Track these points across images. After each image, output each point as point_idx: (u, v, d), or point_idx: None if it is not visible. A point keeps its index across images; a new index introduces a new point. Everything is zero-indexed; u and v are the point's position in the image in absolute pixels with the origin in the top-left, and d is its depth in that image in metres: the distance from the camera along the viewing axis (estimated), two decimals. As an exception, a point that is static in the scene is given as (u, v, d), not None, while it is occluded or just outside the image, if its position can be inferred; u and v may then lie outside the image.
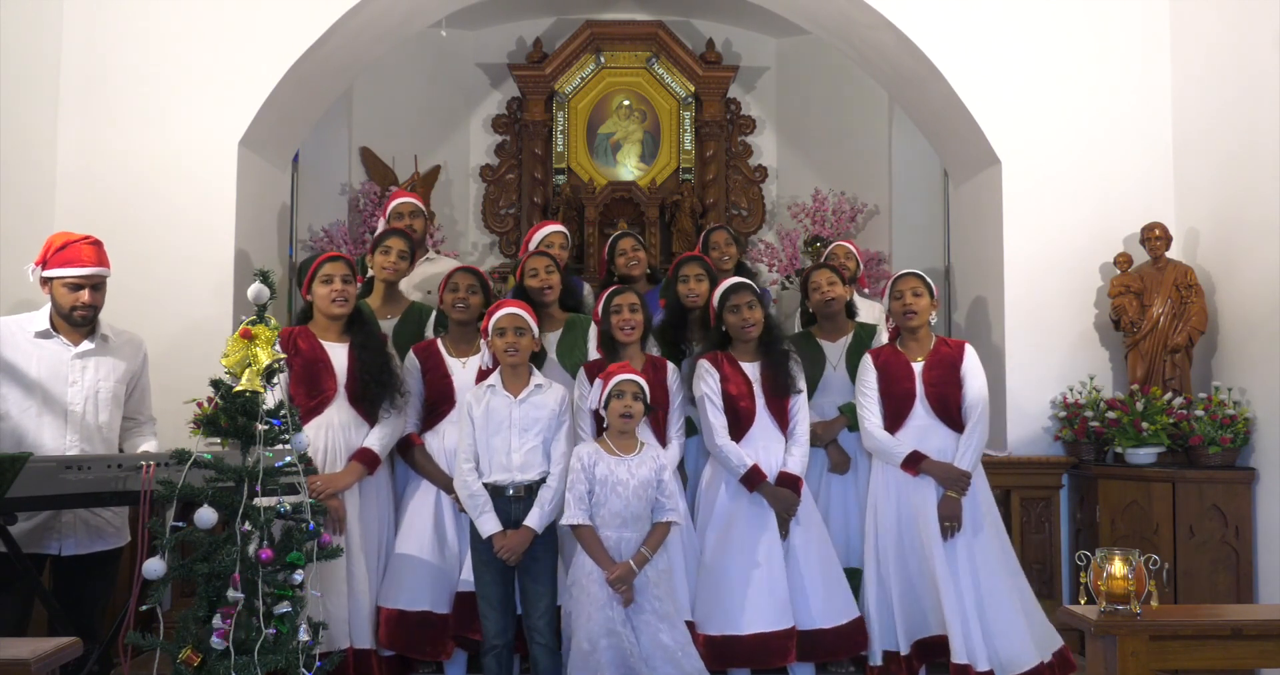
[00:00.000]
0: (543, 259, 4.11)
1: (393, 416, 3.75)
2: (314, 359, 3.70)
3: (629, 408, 3.47)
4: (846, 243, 5.09)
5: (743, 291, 3.87)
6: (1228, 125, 4.54)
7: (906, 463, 3.79)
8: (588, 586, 3.43)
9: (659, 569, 3.50)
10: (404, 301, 4.32)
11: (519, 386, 3.60)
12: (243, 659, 2.64)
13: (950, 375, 3.86)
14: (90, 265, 3.41)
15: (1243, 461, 4.37)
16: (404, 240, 4.23)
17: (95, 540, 3.44)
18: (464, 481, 3.55)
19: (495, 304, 3.74)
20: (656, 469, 3.51)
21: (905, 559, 3.84)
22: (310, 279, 3.79)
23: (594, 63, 6.91)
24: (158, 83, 4.69)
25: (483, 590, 3.57)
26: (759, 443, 3.80)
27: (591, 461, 3.48)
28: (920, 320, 3.89)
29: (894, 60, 5.06)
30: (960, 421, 3.84)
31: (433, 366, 3.86)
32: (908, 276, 3.97)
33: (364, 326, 3.82)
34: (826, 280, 4.18)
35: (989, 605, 3.72)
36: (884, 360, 3.92)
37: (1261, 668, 3.12)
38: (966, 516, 3.76)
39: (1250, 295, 4.38)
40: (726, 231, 4.70)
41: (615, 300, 3.83)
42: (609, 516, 3.46)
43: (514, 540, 3.48)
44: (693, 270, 4.16)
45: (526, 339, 3.60)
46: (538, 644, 3.53)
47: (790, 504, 3.75)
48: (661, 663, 3.41)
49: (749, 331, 3.84)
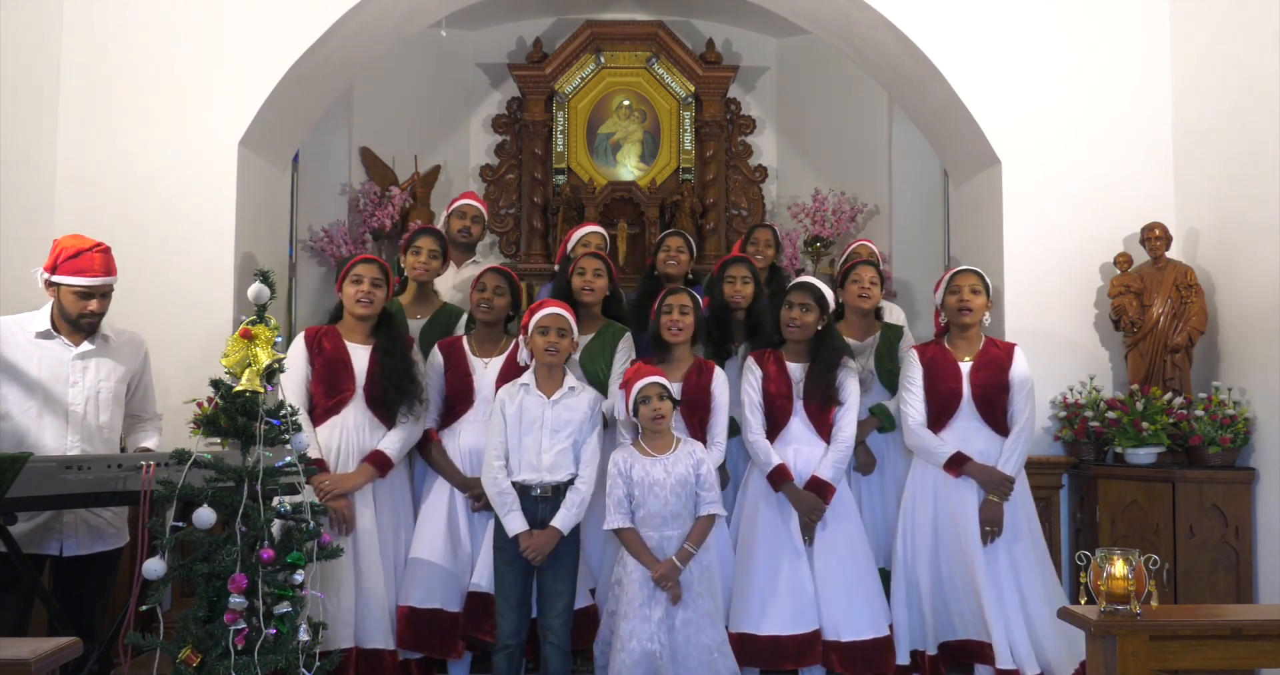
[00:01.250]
0: (594, 261, 4.07)
1: (410, 422, 3.75)
2: (336, 359, 3.72)
3: (658, 410, 3.49)
4: (868, 242, 5.08)
5: (803, 292, 3.85)
6: (1228, 125, 4.54)
7: (950, 464, 3.76)
8: (628, 587, 3.46)
9: (702, 565, 3.51)
10: (436, 302, 4.32)
11: (553, 387, 3.60)
12: (243, 659, 2.64)
13: (998, 377, 3.82)
14: (100, 275, 3.41)
15: (1243, 461, 4.37)
16: (435, 239, 4.23)
17: (95, 540, 3.44)
18: (493, 478, 3.55)
19: (538, 302, 3.73)
20: (693, 465, 3.52)
21: (938, 561, 3.80)
22: (343, 278, 3.81)
23: (594, 63, 6.91)
24: (158, 83, 4.69)
25: (502, 589, 3.57)
26: (793, 444, 3.78)
27: (628, 465, 3.51)
28: (974, 318, 3.86)
29: (894, 60, 5.06)
30: (1004, 424, 3.80)
31: (455, 364, 3.87)
32: (967, 272, 3.93)
33: (390, 330, 3.82)
34: (870, 277, 4.12)
35: (1032, 611, 3.70)
36: (930, 357, 3.88)
37: (1261, 668, 3.12)
38: (1007, 522, 3.73)
39: (1250, 295, 4.38)
40: (771, 231, 4.72)
41: (668, 300, 3.82)
42: (649, 517, 3.47)
43: (540, 540, 3.48)
44: (739, 272, 4.16)
45: (567, 341, 3.61)
46: (551, 644, 3.53)
47: (813, 508, 3.71)
48: (697, 663, 3.42)
49: (792, 331, 3.83)
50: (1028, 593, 3.73)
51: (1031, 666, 3.64)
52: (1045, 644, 3.69)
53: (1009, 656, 3.63)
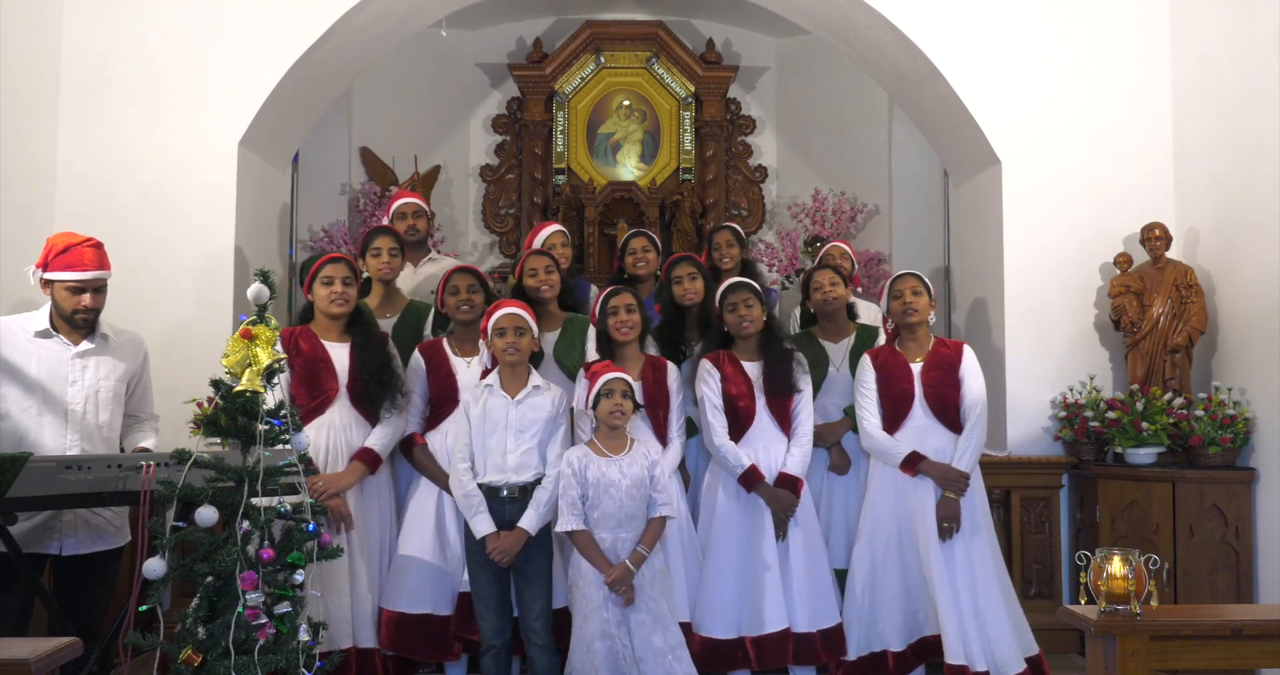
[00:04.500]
0: (542, 258, 4.11)
1: (394, 416, 3.75)
2: (315, 359, 3.71)
3: (619, 406, 3.48)
4: (842, 243, 5.09)
5: (740, 290, 3.87)
6: (1228, 125, 4.54)
7: (905, 463, 3.79)
8: (584, 589, 3.44)
9: (655, 568, 3.49)
10: (403, 301, 4.32)
11: (517, 387, 3.59)
12: (243, 659, 2.64)
13: (949, 376, 3.86)
14: (92, 269, 3.41)
15: (1243, 461, 4.37)
16: (391, 238, 4.23)
17: (95, 540, 3.44)
18: (459, 481, 3.55)
19: (494, 304, 3.73)
20: (648, 466, 3.50)
21: (904, 559, 3.83)
22: (311, 279, 3.79)
23: (594, 63, 6.91)
24: (158, 83, 4.69)
25: (478, 591, 3.57)
26: (759, 443, 3.80)
27: (582, 465, 3.48)
28: (919, 319, 3.90)
29: (894, 60, 5.06)
30: (959, 422, 3.84)
31: (437, 366, 3.86)
32: (906, 276, 3.98)
33: (365, 326, 3.83)
34: (829, 280, 4.17)
35: (984, 607, 3.73)
36: (883, 361, 3.92)
37: (1261, 668, 3.13)
38: (965, 517, 3.76)
39: (1250, 295, 4.38)
40: (730, 232, 4.64)
41: (612, 301, 3.81)
42: (603, 518, 3.45)
43: (507, 542, 3.48)
44: (684, 270, 4.16)
45: (526, 339, 3.60)
46: (535, 645, 3.53)
47: (788, 505, 3.74)
48: (652, 666, 3.40)
49: (746, 328, 3.84)
50: (982, 588, 3.75)
51: (980, 663, 3.66)
52: (1002, 639, 3.71)
53: (960, 652, 3.66)
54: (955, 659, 3.65)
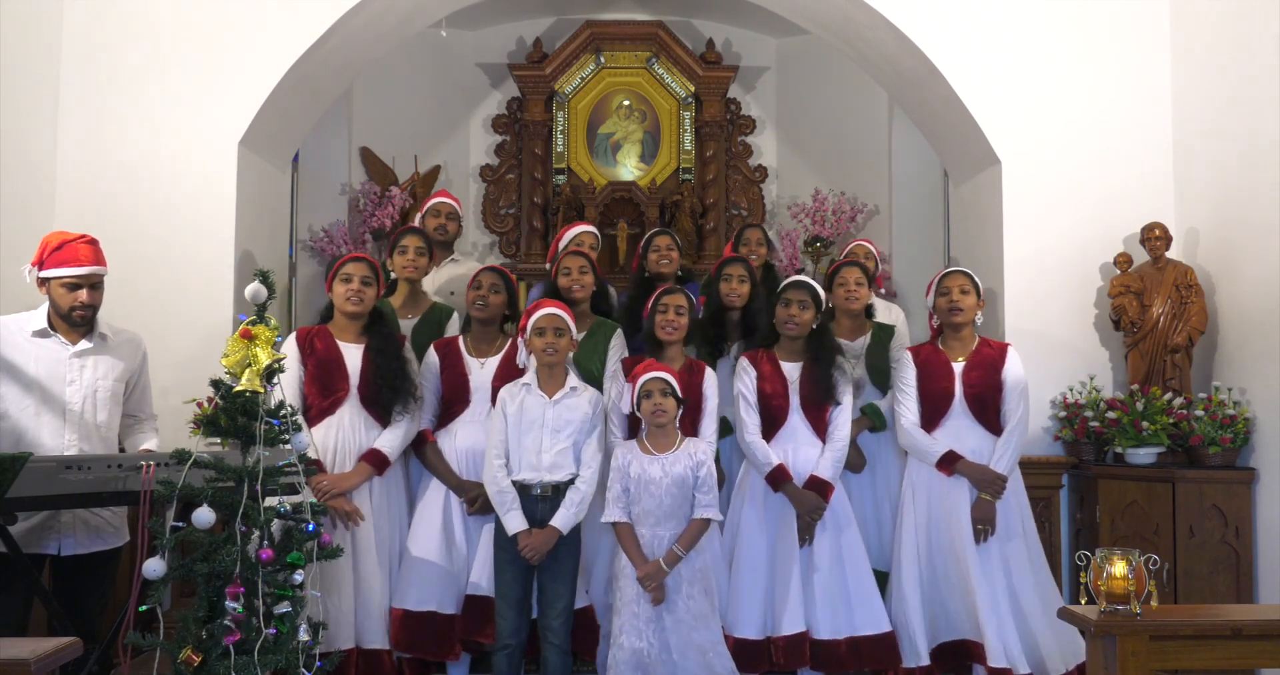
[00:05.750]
0: (578, 259, 4.10)
1: (405, 420, 3.74)
2: (329, 359, 3.72)
3: (659, 405, 3.50)
4: (866, 242, 5.08)
5: (800, 289, 3.85)
6: (1228, 125, 4.54)
7: (941, 462, 3.77)
8: (621, 583, 3.48)
9: (695, 567, 3.50)
10: (426, 302, 4.32)
11: (554, 387, 3.60)
12: (243, 659, 2.64)
13: (991, 377, 3.83)
14: (87, 264, 3.40)
15: (1243, 461, 4.37)
16: (419, 237, 4.24)
17: (95, 540, 3.44)
18: (494, 477, 3.55)
19: (535, 303, 3.73)
20: (693, 466, 3.51)
21: (933, 561, 3.81)
22: (333, 277, 3.80)
23: (594, 63, 6.91)
24: (158, 83, 4.68)
25: (502, 589, 3.57)
26: (789, 444, 3.79)
27: (626, 461, 3.53)
28: (965, 318, 3.87)
29: (894, 60, 5.06)
30: (997, 424, 3.81)
31: (451, 364, 3.86)
32: (956, 274, 3.95)
33: (382, 329, 3.83)
34: (855, 278, 4.13)
35: (1024, 611, 3.71)
36: (924, 358, 3.90)
37: (1261, 668, 3.13)
38: (1001, 521, 3.73)
39: (1250, 295, 4.38)
40: (761, 230, 4.72)
41: (664, 300, 3.81)
42: (642, 515, 3.49)
43: (539, 539, 3.48)
44: (736, 271, 4.16)
45: (565, 340, 3.61)
46: (551, 644, 3.53)
47: (814, 507, 3.71)
48: (693, 662, 3.43)
49: (790, 328, 3.82)
50: (1021, 592, 3.73)
51: (1023, 666, 3.64)
52: (1039, 643, 3.69)
53: (1002, 655, 3.63)
54: (998, 662, 3.63)
